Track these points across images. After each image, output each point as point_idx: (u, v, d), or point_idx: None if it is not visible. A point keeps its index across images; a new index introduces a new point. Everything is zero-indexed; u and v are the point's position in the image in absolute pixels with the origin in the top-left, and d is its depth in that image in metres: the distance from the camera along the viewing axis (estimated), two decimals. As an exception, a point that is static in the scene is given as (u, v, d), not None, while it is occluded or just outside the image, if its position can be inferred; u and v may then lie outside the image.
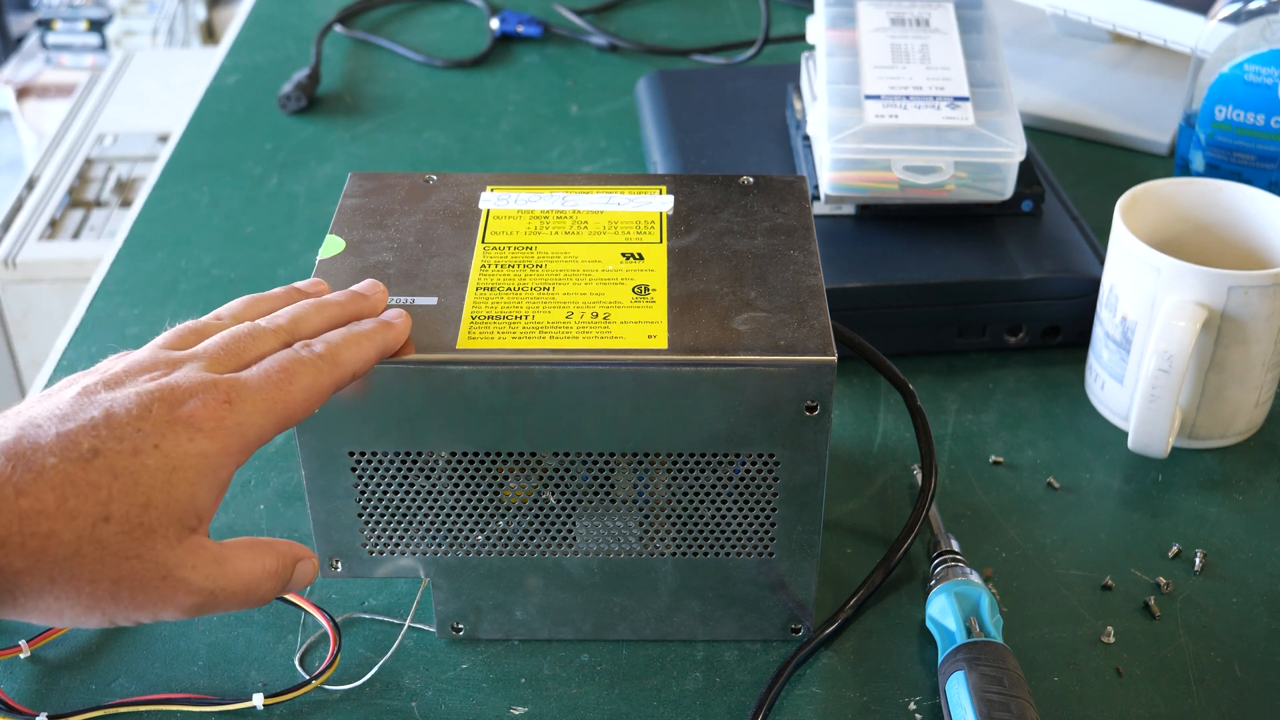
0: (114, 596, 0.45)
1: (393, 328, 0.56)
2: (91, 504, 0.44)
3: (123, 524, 0.45)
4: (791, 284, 0.60)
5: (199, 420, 0.47)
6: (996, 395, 0.79)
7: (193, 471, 0.47)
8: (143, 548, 0.45)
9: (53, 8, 2.64)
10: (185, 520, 0.47)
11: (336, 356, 0.53)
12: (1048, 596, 0.67)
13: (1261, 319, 0.70)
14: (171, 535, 0.46)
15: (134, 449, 0.46)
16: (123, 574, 0.45)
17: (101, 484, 0.45)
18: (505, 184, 0.67)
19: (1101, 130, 1.03)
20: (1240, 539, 0.70)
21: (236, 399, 0.49)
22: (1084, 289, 0.80)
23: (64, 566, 0.44)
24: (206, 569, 0.48)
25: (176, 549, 0.46)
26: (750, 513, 0.60)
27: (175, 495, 0.46)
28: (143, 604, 0.46)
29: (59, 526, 0.44)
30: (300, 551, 0.52)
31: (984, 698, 0.57)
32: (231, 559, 0.49)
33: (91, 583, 0.45)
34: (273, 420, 0.50)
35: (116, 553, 0.45)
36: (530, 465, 0.59)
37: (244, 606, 0.50)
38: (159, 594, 0.46)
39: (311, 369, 0.51)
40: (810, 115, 0.88)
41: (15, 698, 0.61)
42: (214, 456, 0.47)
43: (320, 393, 0.52)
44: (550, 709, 0.61)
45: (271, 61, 1.18)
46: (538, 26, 1.20)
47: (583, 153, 1.04)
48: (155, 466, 0.46)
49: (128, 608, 0.46)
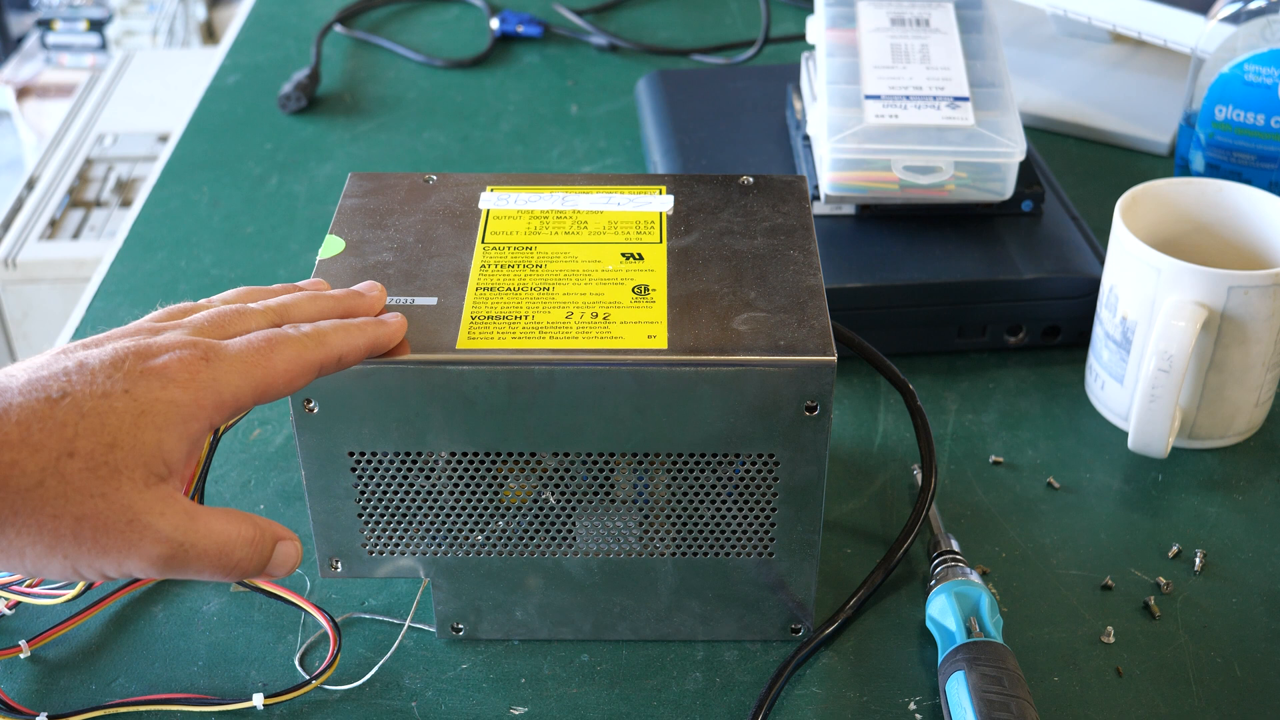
0: (76, 536, 0.45)
1: (386, 325, 0.56)
2: (56, 439, 0.44)
3: (87, 460, 0.45)
4: (791, 284, 0.60)
5: (172, 371, 0.47)
6: (996, 395, 0.79)
7: (161, 417, 0.46)
8: (107, 486, 0.45)
9: (53, 8, 2.64)
10: (152, 466, 0.46)
11: (324, 338, 0.52)
12: (1048, 596, 0.67)
13: (1261, 319, 0.70)
14: (138, 478, 0.46)
15: (103, 392, 0.46)
16: (86, 512, 0.45)
17: (68, 421, 0.45)
18: (505, 184, 0.67)
19: (1101, 130, 1.03)
20: (1240, 539, 0.70)
21: (214, 358, 0.48)
22: (1084, 289, 0.80)
23: (26, 498, 0.44)
24: (175, 519, 0.47)
25: (144, 494, 0.46)
26: (750, 513, 0.60)
27: (142, 439, 0.46)
28: (106, 548, 0.46)
29: (22, 457, 0.44)
30: (282, 531, 0.52)
31: (984, 698, 0.57)
32: (205, 516, 0.48)
33: (54, 518, 0.44)
34: (249, 384, 0.49)
35: (80, 489, 0.45)
36: (530, 465, 0.59)
37: (217, 572, 0.49)
38: (124, 538, 0.46)
39: (296, 344, 0.51)
40: (810, 115, 0.88)
41: (15, 698, 0.61)
42: (184, 406, 0.47)
43: (303, 368, 0.51)
44: (550, 709, 0.61)
45: (271, 61, 1.18)
46: (538, 26, 1.20)
47: (583, 153, 1.04)
48: (123, 409, 0.46)
49: (90, 551, 0.45)
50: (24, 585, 0.62)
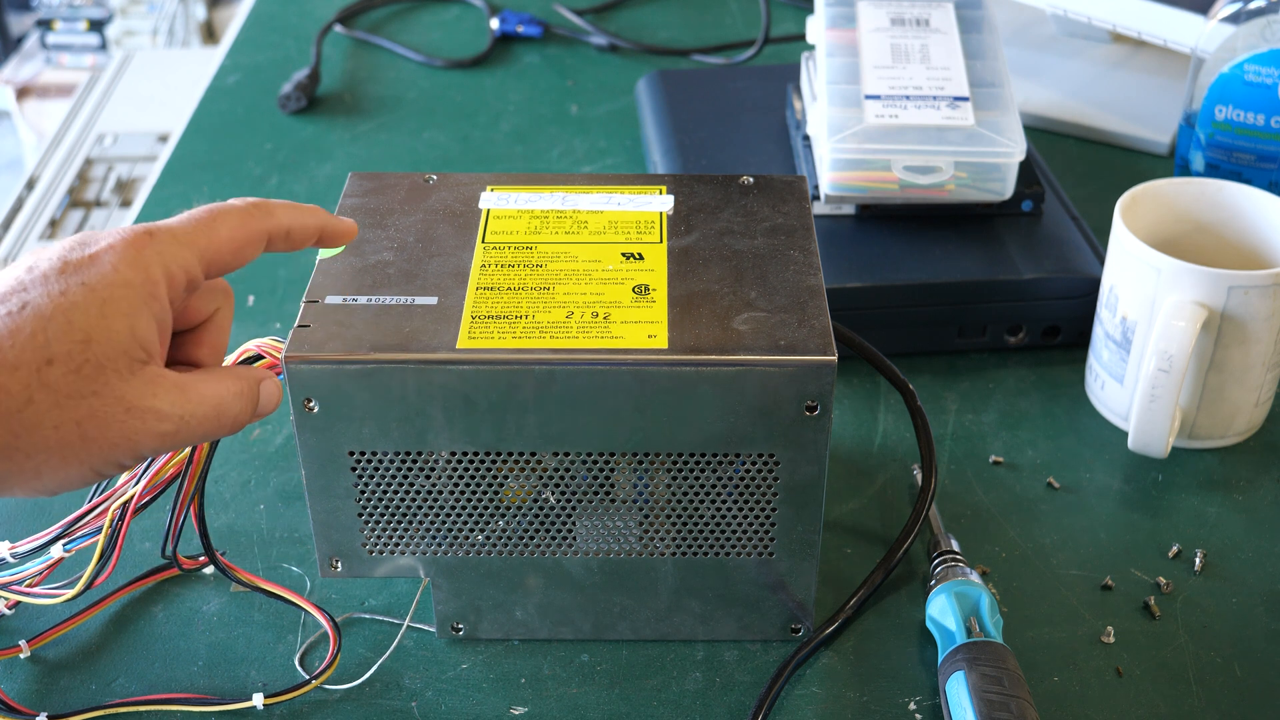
0: (83, 439, 0.45)
1: (339, 219, 0.55)
2: (30, 351, 0.44)
3: (67, 363, 0.45)
4: (791, 284, 0.60)
5: (118, 250, 0.47)
6: (996, 395, 0.79)
7: (124, 302, 0.47)
8: (96, 383, 0.45)
9: (53, 8, 2.64)
10: (131, 352, 0.47)
11: (269, 208, 0.52)
12: (1048, 596, 0.67)
13: (1261, 319, 0.70)
14: (122, 367, 0.46)
15: (60, 290, 0.46)
16: (83, 414, 0.45)
17: (36, 330, 0.45)
18: (505, 184, 0.67)
19: (1101, 130, 1.03)
20: (1240, 539, 0.70)
21: (156, 231, 0.49)
22: (1084, 289, 0.80)
23: (21, 418, 0.44)
24: (169, 395, 0.48)
25: (132, 381, 0.46)
26: (750, 513, 0.60)
27: (113, 328, 0.46)
28: (115, 441, 0.46)
29: (2, 379, 0.44)
30: (259, 373, 0.53)
31: (984, 698, 0.57)
32: (194, 384, 0.49)
33: (55, 429, 0.45)
34: (195, 253, 0.49)
35: (70, 393, 0.45)
36: (530, 465, 0.59)
37: (217, 431, 0.50)
38: (128, 427, 0.46)
39: (239, 212, 0.51)
40: (810, 115, 0.88)
41: (15, 698, 0.61)
42: (140, 286, 0.47)
43: (249, 236, 0.51)
44: (550, 709, 0.61)
45: (271, 61, 1.18)
46: (538, 26, 1.20)
47: (583, 153, 1.04)
48: (84, 302, 0.46)
49: (101, 448, 0.46)
50: (24, 585, 0.62)
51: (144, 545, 0.69)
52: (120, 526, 0.58)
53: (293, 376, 0.56)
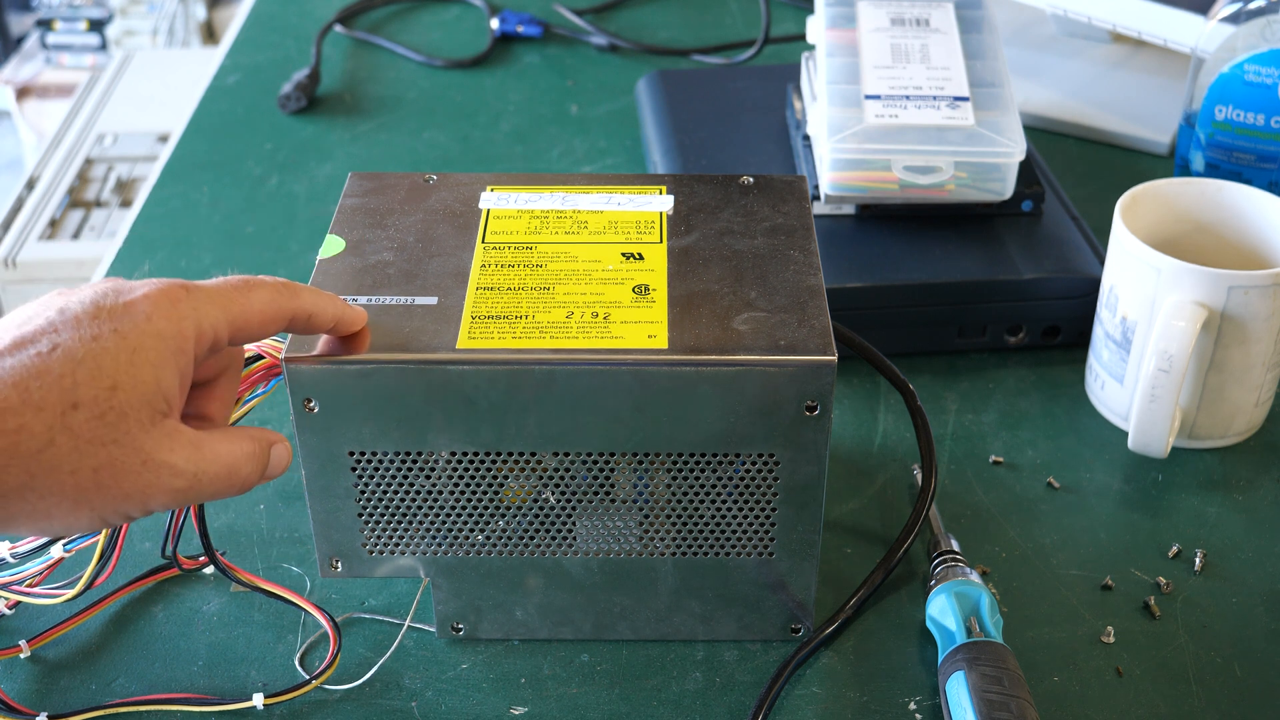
0: (97, 486, 0.45)
1: (352, 308, 0.56)
2: (57, 393, 0.44)
3: (92, 409, 0.45)
4: (791, 284, 0.60)
5: (153, 302, 0.48)
6: (996, 395, 0.79)
7: (153, 353, 0.47)
8: (117, 432, 0.45)
9: (53, 8, 2.64)
10: (154, 403, 0.47)
11: (297, 290, 0.53)
12: (1048, 596, 0.67)
13: (1261, 319, 0.70)
14: (144, 418, 0.46)
15: (92, 335, 0.46)
16: (101, 461, 0.45)
17: (65, 373, 0.45)
18: (505, 184, 0.67)
19: (1101, 130, 1.03)
20: (1240, 539, 0.70)
21: (192, 289, 0.49)
22: (1084, 289, 0.80)
23: (40, 459, 0.44)
24: (185, 451, 0.48)
25: (152, 432, 0.46)
26: (750, 513, 0.60)
27: (140, 377, 0.46)
28: (129, 492, 0.46)
29: (27, 420, 0.44)
30: (272, 436, 0.53)
31: (984, 698, 0.57)
32: (209, 442, 0.49)
33: (72, 474, 0.45)
34: (226, 317, 0.50)
35: (91, 439, 0.45)
36: (530, 465, 0.59)
37: (228, 491, 0.50)
38: (142, 480, 0.46)
39: (270, 288, 0.52)
40: (810, 115, 0.88)
41: (15, 698, 0.61)
42: (172, 339, 0.47)
43: (277, 312, 0.52)
44: (550, 709, 0.61)
45: (271, 61, 1.18)
46: (538, 26, 1.20)
47: (583, 153, 1.04)
48: (115, 349, 0.46)
49: (114, 498, 0.46)
50: (24, 585, 0.62)
51: (144, 545, 0.69)
52: (120, 526, 0.58)
53: (293, 376, 0.56)
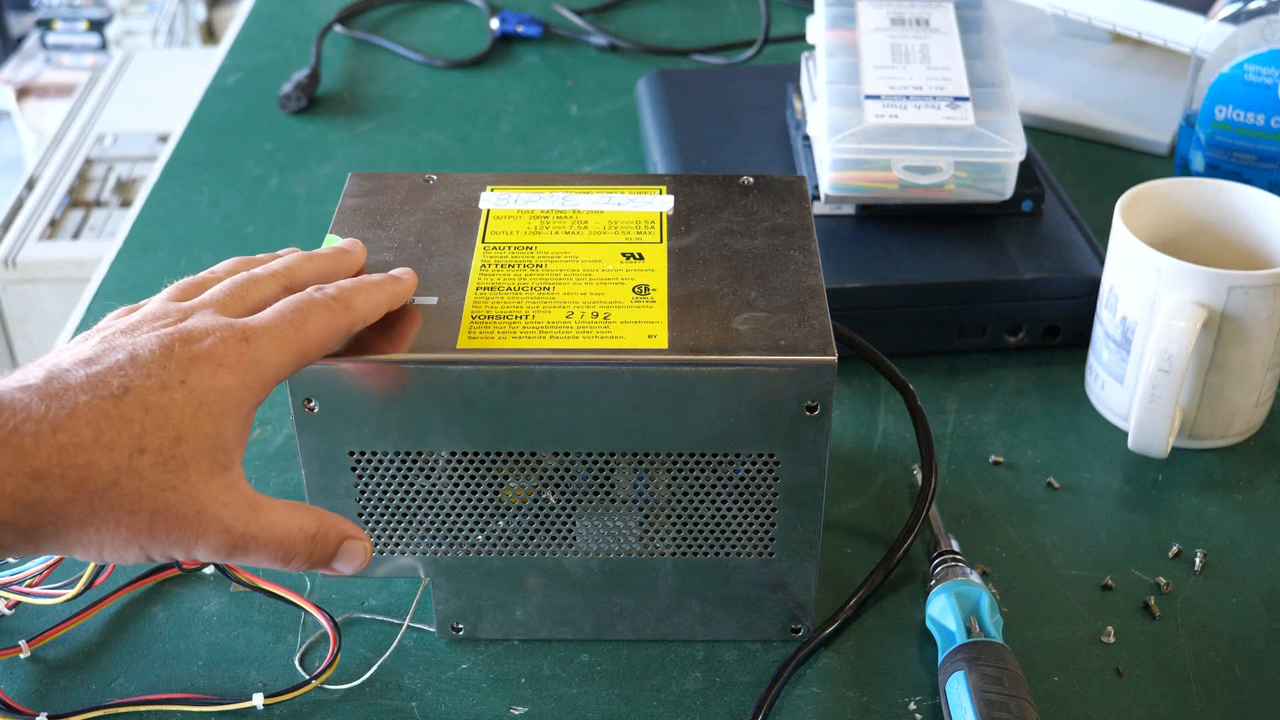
0: (151, 530, 0.47)
1: (401, 281, 0.57)
2: (126, 437, 0.46)
3: (157, 456, 0.46)
4: (791, 284, 0.60)
5: (219, 356, 0.49)
6: (996, 395, 0.79)
7: (217, 406, 0.48)
8: (178, 479, 0.47)
9: (53, 8, 2.64)
10: (216, 455, 0.48)
11: (349, 300, 0.54)
12: (1048, 596, 0.67)
13: (1261, 319, 0.70)
14: (205, 469, 0.47)
15: (161, 385, 0.47)
16: (159, 506, 0.46)
17: (134, 418, 0.46)
18: (505, 184, 0.67)
19: (1101, 130, 1.03)
20: (1240, 539, 0.70)
21: (253, 336, 0.50)
22: (1084, 289, 0.80)
23: (104, 497, 0.45)
24: (239, 510, 0.49)
25: (210, 484, 0.48)
26: (750, 513, 0.60)
27: (203, 429, 0.47)
28: (178, 539, 0.47)
29: (97, 458, 0.45)
30: (349, 530, 0.53)
31: (984, 698, 0.57)
32: (268, 509, 0.50)
33: (130, 514, 0.46)
34: (289, 356, 0.51)
35: (153, 484, 0.46)
36: (530, 465, 0.59)
37: (277, 562, 0.50)
38: (193, 529, 0.47)
39: (325, 310, 0.53)
40: (810, 115, 0.88)
41: (15, 698, 0.61)
42: (236, 392, 0.49)
43: (334, 333, 0.53)
44: (550, 709, 0.61)
45: (271, 61, 1.18)
46: (538, 26, 1.20)
47: (583, 153, 1.04)
48: (183, 401, 0.47)
49: (164, 541, 0.47)
50: (24, 585, 0.62)
51: (144, 545, 0.69)
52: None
53: (293, 376, 0.56)
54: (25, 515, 0.44)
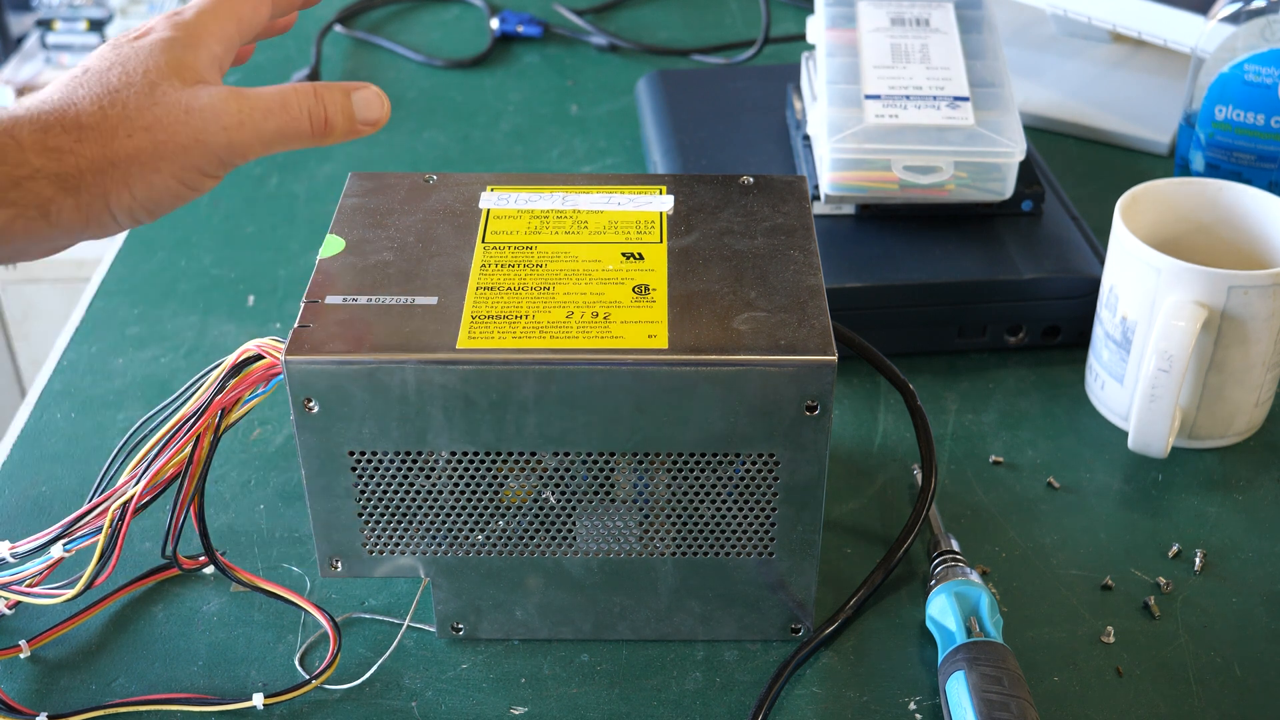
0: (155, 144, 0.53)
1: None
2: (97, 87, 0.54)
3: (126, 90, 0.54)
4: (791, 284, 0.60)
5: (158, 25, 0.57)
6: (996, 395, 0.79)
7: (169, 45, 0.55)
8: (155, 96, 0.54)
9: (53, 8, 2.64)
10: (182, 74, 0.55)
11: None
12: (1048, 596, 0.67)
13: (1261, 319, 0.70)
14: (176, 84, 0.54)
15: (115, 52, 0.55)
16: (149, 121, 0.53)
17: (98, 79, 0.54)
18: (505, 184, 0.67)
19: (1101, 130, 1.03)
20: (1240, 539, 0.70)
21: (188, 9, 0.58)
22: (1084, 289, 0.80)
23: (100, 132, 0.52)
24: (226, 96, 0.55)
25: (184, 92, 0.54)
26: (750, 513, 0.60)
27: (161, 61, 0.55)
28: (185, 143, 0.54)
29: (80, 102, 0.53)
30: (349, 85, 0.59)
31: (984, 698, 0.57)
32: (253, 90, 0.56)
33: (129, 136, 0.53)
34: (221, 16, 0.58)
35: (136, 109, 0.53)
36: (530, 465, 0.59)
37: (286, 126, 0.56)
38: (191, 126, 0.54)
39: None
40: (810, 115, 0.88)
41: (15, 698, 0.61)
42: (181, 38, 0.56)
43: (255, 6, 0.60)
44: (550, 709, 0.61)
45: (271, 61, 1.18)
46: (538, 26, 1.20)
47: (583, 153, 1.04)
48: (134, 54, 0.55)
49: (176, 151, 0.54)
50: (24, 585, 0.62)
51: (144, 545, 0.69)
52: (120, 526, 0.58)
53: (293, 376, 0.56)
54: (49, 160, 0.51)
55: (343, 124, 0.58)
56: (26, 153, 0.51)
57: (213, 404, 0.58)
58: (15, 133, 0.51)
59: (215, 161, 0.55)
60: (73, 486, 0.73)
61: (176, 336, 0.84)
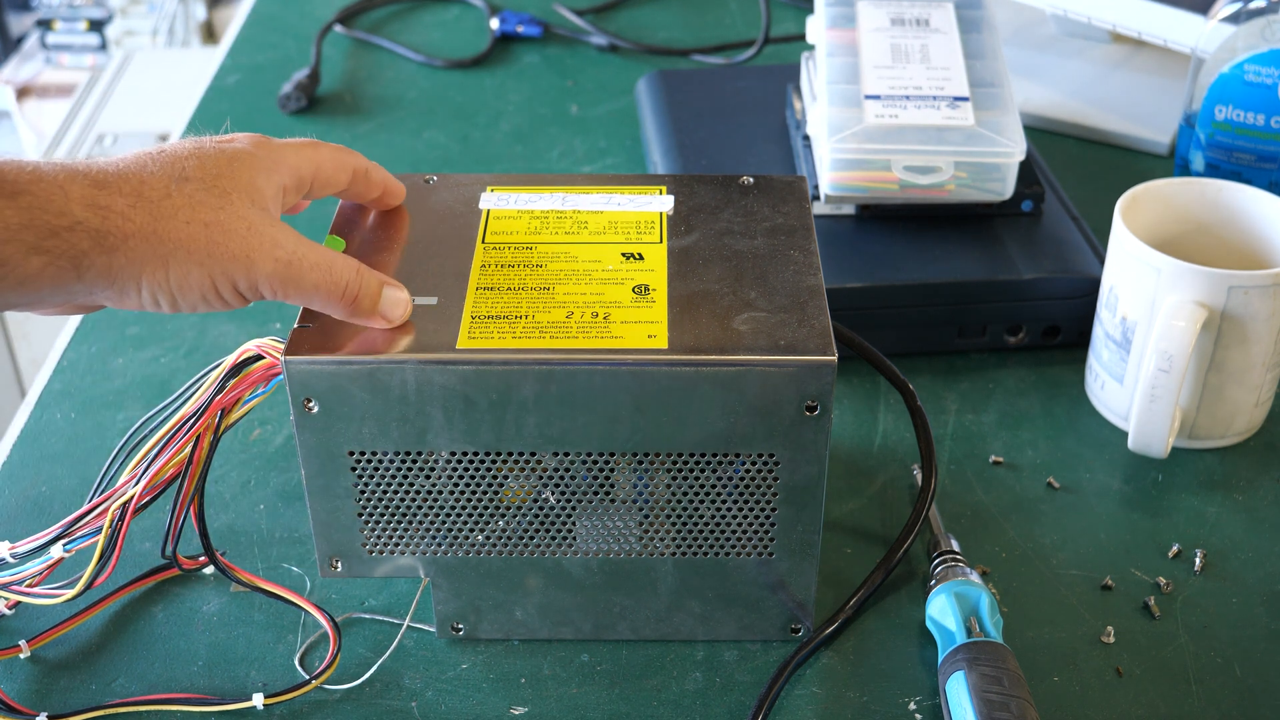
0: (209, 241, 0.53)
1: (396, 181, 0.65)
2: (169, 167, 0.54)
3: (200, 183, 0.54)
4: (791, 284, 0.60)
5: (248, 138, 0.58)
6: (996, 395, 0.79)
7: (249, 162, 0.56)
8: (224, 201, 0.54)
9: (53, 8, 2.64)
10: (253, 197, 0.56)
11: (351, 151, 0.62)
12: (1048, 596, 0.67)
13: (1261, 319, 0.70)
14: (245, 200, 0.55)
15: (196, 147, 0.56)
16: (211, 219, 0.54)
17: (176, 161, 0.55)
18: (505, 184, 0.67)
19: (1101, 130, 1.03)
20: (1240, 539, 0.70)
21: (272, 141, 0.59)
22: (1084, 289, 0.80)
23: (161, 206, 0.53)
24: (287, 233, 0.56)
25: (252, 210, 0.55)
26: (750, 513, 0.60)
27: (239, 174, 0.56)
28: (236, 253, 0.54)
29: (147, 175, 0.54)
30: (388, 279, 0.58)
31: (984, 698, 0.57)
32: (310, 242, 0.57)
33: (187, 224, 0.53)
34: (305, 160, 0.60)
35: (201, 203, 0.54)
36: (530, 465, 0.59)
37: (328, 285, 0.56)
38: (248, 243, 0.54)
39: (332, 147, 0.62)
40: (810, 115, 0.88)
41: (15, 698, 0.61)
42: (263, 159, 0.57)
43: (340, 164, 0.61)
44: (550, 709, 0.61)
45: (271, 61, 1.18)
46: (538, 26, 1.20)
47: (583, 153, 1.04)
48: (216, 154, 0.56)
49: (223, 256, 0.54)
50: (24, 585, 0.62)
51: (144, 545, 0.69)
52: (120, 526, 0.58)
53: (293, 376, 0.56)
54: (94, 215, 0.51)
55: (367, 309, 0.57)
56: (72, 204, 0.51)
57: (213, 404, 0.58)
58: (66, 185, 0.51)
59: (253, 284, 0.55)
60: (73, 486, 0.73)
61: (176, 336, 0.84)
